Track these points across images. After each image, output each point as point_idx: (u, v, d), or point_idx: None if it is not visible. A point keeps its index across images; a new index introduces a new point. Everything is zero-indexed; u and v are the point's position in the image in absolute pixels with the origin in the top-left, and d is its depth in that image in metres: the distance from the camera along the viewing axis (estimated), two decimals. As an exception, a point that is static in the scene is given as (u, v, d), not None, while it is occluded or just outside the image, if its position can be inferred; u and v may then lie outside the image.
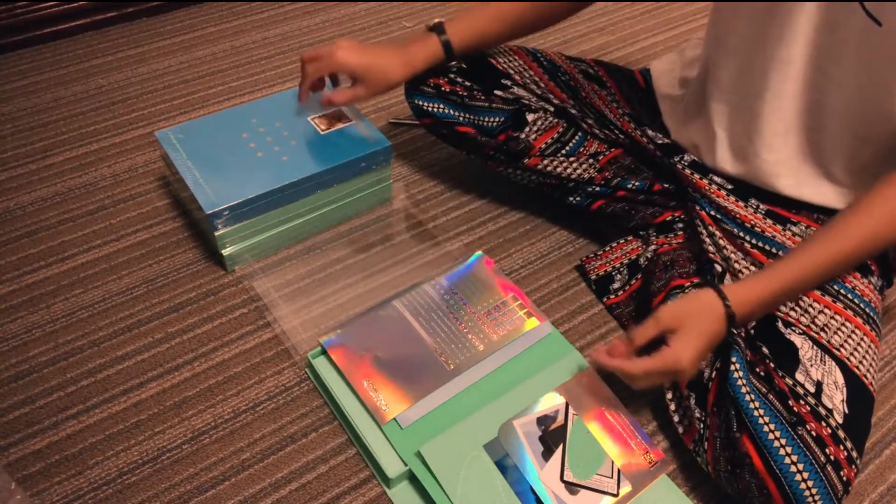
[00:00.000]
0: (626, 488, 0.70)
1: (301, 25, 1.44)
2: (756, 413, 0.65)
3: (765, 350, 0.69)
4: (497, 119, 0.92)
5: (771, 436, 0.64)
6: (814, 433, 0.63)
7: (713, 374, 0.71)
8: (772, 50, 0.72)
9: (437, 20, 0.87)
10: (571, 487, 0.69)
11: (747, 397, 0.66)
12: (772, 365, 0.68)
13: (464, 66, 0.91)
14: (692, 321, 0.67)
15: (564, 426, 0.74)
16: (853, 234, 0.68)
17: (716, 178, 0.84)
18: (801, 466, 0.62)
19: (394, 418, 0.74)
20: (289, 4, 1.50)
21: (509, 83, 0.91)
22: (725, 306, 0.67)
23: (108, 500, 0.71)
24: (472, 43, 0.85)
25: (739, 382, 0.67)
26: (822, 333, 0.70)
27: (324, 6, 1.50)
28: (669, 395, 0.76)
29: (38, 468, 0.73)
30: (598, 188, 0.95)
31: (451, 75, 0.92)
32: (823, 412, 0.64)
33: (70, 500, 0.71)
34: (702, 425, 0.71)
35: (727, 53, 0.78)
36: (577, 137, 0.92)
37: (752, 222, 0.80)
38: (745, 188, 0.84)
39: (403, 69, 0.86)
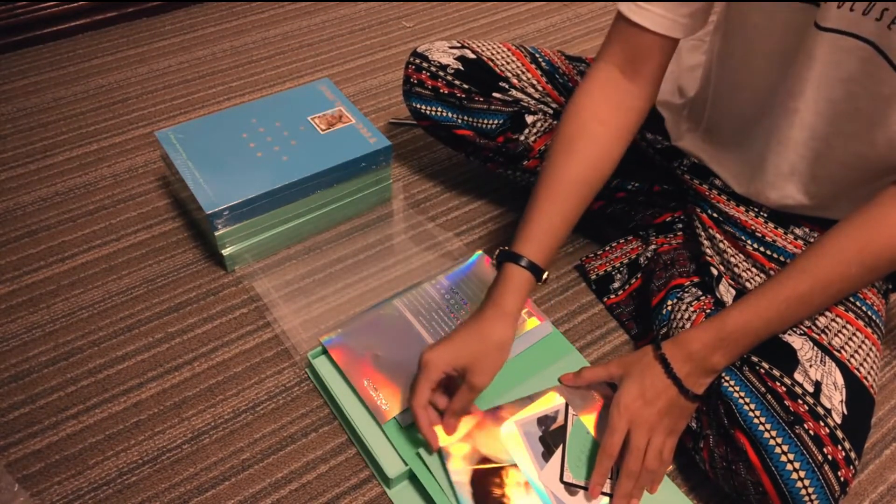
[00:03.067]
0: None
1: (301, 25, 1.44)
2: (751, 413, 0.65)
3: (753, 358, 0.69)
4: (496, 121, 0.92)
5: (767, 434, 0.64)
6: (811, 432, 0.63)
7: None
8: (783, 100, 0.70)
9: (500, 249, 0.72)
10: (571, 488, 0.69)
11: (740, 401, 0.66)
12: (766, 365, 0.68)
13: (461, 68, 0.91)
14: (635, 370, 0.69)
15: (564, 426, 0.74)
16: (810, 274, 0.65)
17: (716, 183, 0.84)
18: (797, 465, 0.62)
19: (394, 417, 0.74)
20: (289, 4, 1.50)
21: (507, 86, 0.91)
22: (667, 370, 0.67)
23: (108, 500, 0.71)
24: (551, 255, 0.72)
25: (731, 389, 0.67)
26: (823, 335, 0.70)
27: (324, 6, 1.51)
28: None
29: (39, 468, 0.73)
30: (597, 189, 0.95)
31: (450, 77, 0.92)
32: (822, 412, 0.64)
33: (70, 500, 0.71)
34: (696, 423, 0.71)
35: (737, 95, 0.76)
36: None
37: (754, 227, 0.80)
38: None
39: (506, 326, 0.69)
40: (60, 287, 0.91)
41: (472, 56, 0.93)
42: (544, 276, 0.72)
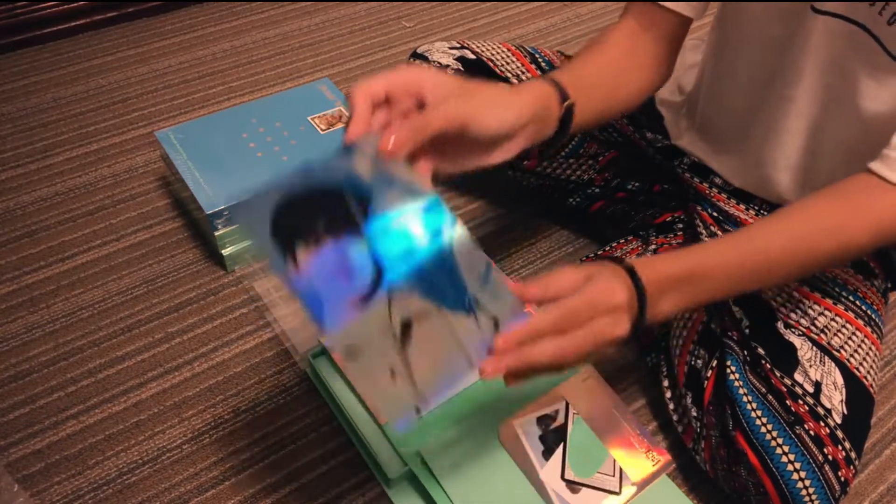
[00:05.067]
0: (628, 487, 0.70)
1: (301, 25, 1.44)
2: (753, 414, 0.65)
3: (760, 350, 0.69)
4: (497, 120, 0.92)
5: (768, 436, 0.64)
6: (812, 432, 0.63)
7: (709, 374, 0.71)
8: (779, 89, 0.71)
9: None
10: (573, 486, 0.69)
11: (745, 398, 0.66)
12: (768, 365, 0.68)
13: (461, 69, 0.91)
14: (606, 271, 0.53)
15: (564, 425, 0.74)
16: (781, 236, 0.60)
17: (716, 181, 0.84)
18: (798, 465, 0.62)
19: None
20: (289, 4, 1.50)
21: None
22: (636, 285, 0.54)
23: (108, 500, 0.71)
24: (590, 119, 0.63)
25: (737, 384, 0.67)
26: (823, 335, 0.70)
27: (324, 6, 1.51)
28: (668, 395, 0.77)
29: (39, 468, 0.73)
30: (597, 189, 0.95)
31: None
32: (822, 412, 0.64)
33: (70, 500, 0.71)
34: (698, 424, 0.71)
35: (732, 87, 0.77)
36: (576, 139, 0.92)
37: None
38: (747, 193, 0.84)
39: (508, 99, 0.55)
40: (60, 287, 0.91)
41: (472, 57, 0.93)
42: (567, 102, 0.60)
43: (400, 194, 0.46)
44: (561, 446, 0.72)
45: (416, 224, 0.46)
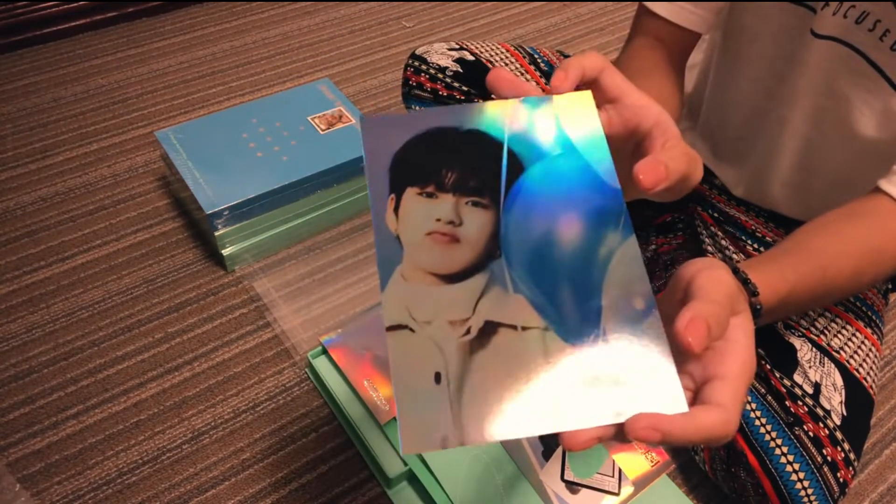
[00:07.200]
0: (627, 487, 0.70)
1: (301, 25, 1.44)
2: (752, 415, 0.65)
3: (760, 351, 0.69)
4: (497, 120, 0.92)
5: (767, 437, 0.64)
6: (811, 433, 0.63)
7: None
8: (776, 108, 0.71)
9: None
10: (572, 486, 0.69)
11: (745, 398, 0.66)
12: (768, 366, 0.68)
13: (460, 70, 0.92)
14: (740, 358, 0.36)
15: (564, 426, 0.74)
16: (848, 262, 0.55)
17: (716, 183, 0.84)
18: (797, 466, 0.62)
19: (394, 417, 0.74)
20: (289, 4, 1.50)
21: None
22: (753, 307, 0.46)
23: (108, 500, 0.71)
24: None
25: None
26: (822, 336, 0.70)
27: (324, 6, 1.51)
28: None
29: (39, 468, 0.73)
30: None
31: (448, 80, 0.92)
32: (821, 413, 0.64)
33: (70, 500, 0.71)
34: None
35: (733, 101, 0.77)
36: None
37: (754, 227, 0.80)
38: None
39: None
40: (60, 287, 0.91)
41: (471, 58, 0.93)
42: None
43: (575, 173, 0.37)
44: (560, 446, 0.72)
45: (576, 217, 0.36)
